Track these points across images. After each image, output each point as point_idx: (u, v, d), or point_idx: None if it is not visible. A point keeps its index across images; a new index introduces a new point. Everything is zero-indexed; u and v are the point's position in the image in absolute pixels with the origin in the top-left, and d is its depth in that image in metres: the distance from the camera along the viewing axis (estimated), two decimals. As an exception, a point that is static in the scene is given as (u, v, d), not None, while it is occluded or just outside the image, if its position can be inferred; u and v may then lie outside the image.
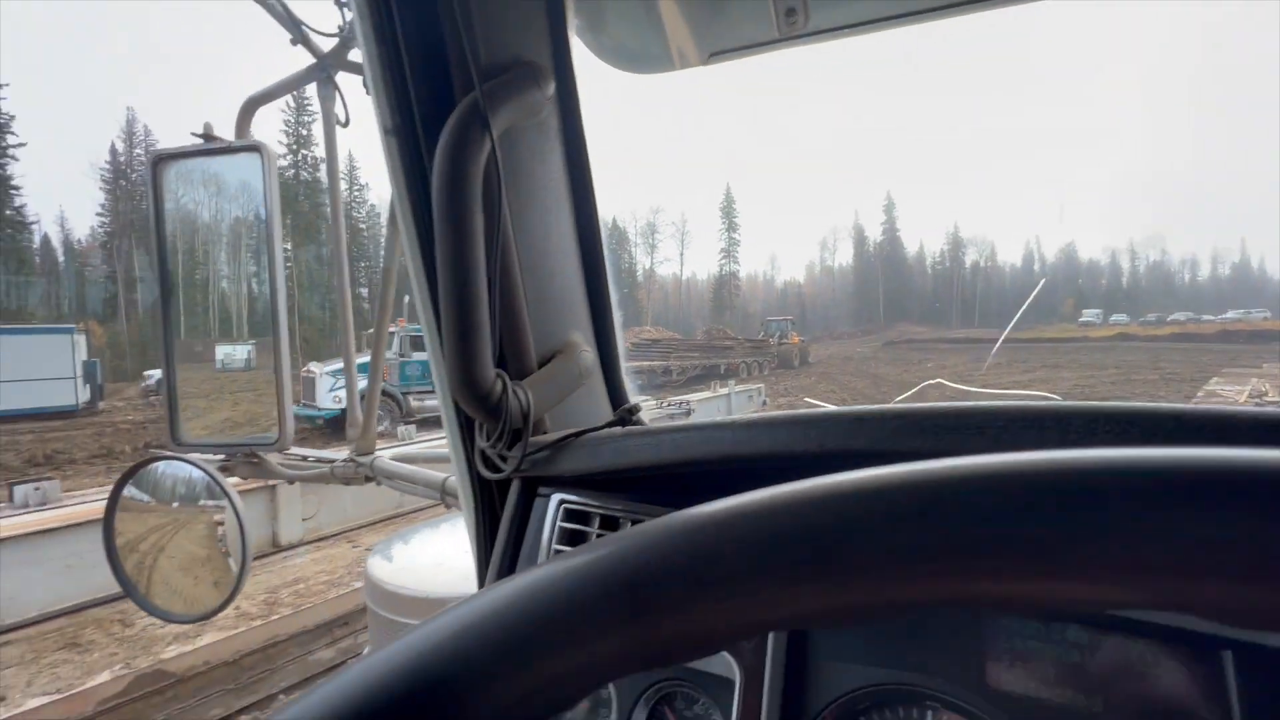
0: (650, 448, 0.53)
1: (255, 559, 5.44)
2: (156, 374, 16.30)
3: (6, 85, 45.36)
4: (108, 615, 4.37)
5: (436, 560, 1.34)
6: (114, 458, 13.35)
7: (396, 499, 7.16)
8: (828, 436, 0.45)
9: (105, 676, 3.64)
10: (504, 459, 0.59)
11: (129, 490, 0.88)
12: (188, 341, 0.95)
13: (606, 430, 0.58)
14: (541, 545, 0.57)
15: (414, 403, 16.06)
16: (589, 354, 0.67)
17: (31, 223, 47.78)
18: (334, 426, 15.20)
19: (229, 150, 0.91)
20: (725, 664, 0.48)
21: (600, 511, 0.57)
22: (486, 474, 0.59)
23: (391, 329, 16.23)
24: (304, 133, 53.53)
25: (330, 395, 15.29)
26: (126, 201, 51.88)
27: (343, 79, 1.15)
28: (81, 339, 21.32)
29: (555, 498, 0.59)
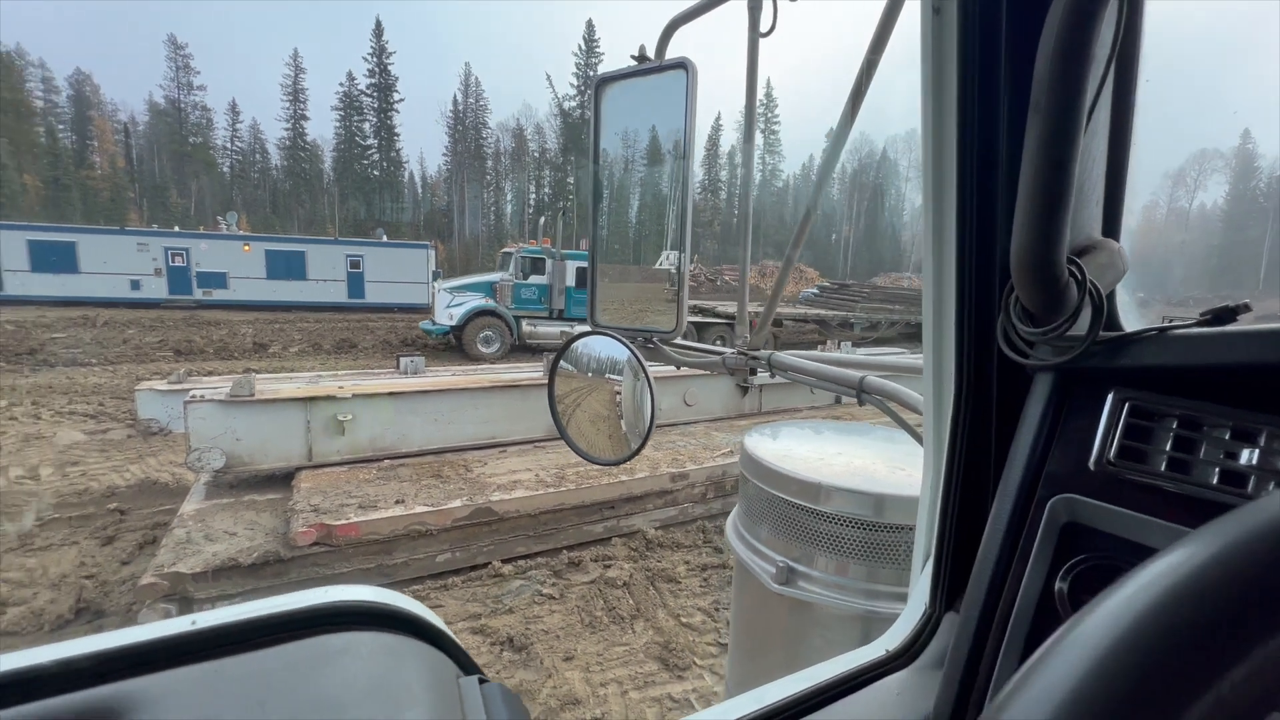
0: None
1: (547, 441, 6.66)
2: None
3: (394, 52, 58.85)
4: (457, 460, 5.87)
5: (816, 452, 1.46)
6: (449, 348, 17.32)
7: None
8: None
9: (457, 503, 4.93)
10: (1031, 345, 0.58)
11: (565, 360, 1.15)
12: (608, 242, 1.16)
13: (1199, 329, 0.53)
14: (1093, 443, 0.56)
15: (526, 327, 15.23)
16: (1125, 259, 0.61)
17: (405, 162, 62.59)
18: (447, 343, 15.31)
19: (659, 69, 1.03)
20: None
21: (1181, 414, 0.53)
22: (1016, 359, 0.59)
23: (508, 249, 16.46)
24: (591, 74, 58.71)
25: (446, 312, 14.82)
26: (462, 143, 64.17)
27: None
28: (431, 253, 27.73)
29: (1115, 395, 0.56)
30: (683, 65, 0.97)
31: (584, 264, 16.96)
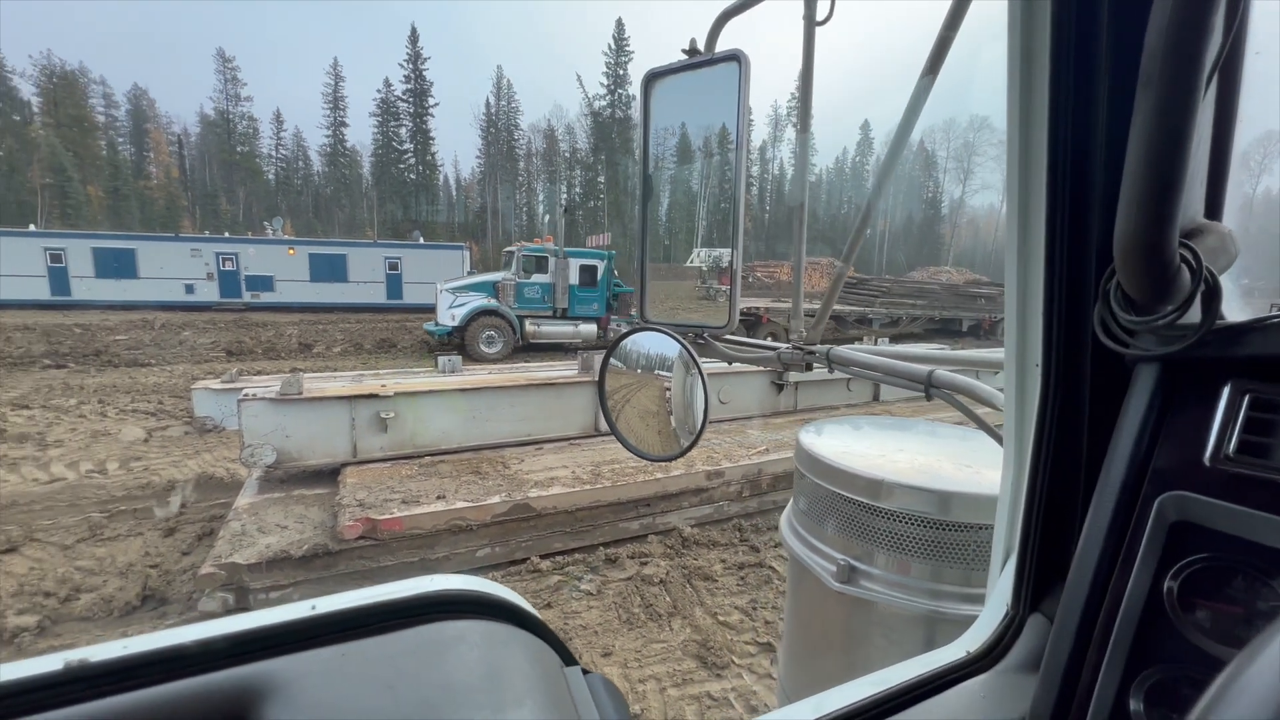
0: None
1: (583, 439, 6.71)
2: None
3: (429, 58, 60.10)
4: (495, 457, 5.97)
5: (876, 449, 1.43)
6: (453, 349, 17.22)
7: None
8: None
9: (496, 499, 5.02)
10: (1133, 334, 0.55)
11: (614, 356, 1.15)
12: (657, 238, 1.16)
13: None
14: (1208, 438, 0.53)
15: (529, 327, 15.05)
16: (1236, 243, 0.58)
17: (440, 165, 63.93)
18: (446, 341, 15.04)
19: (710, 62, 1.02)
20: None
21: None
22: (1115, 349, 0.56)
23: (510, 248, 16.17)
24: (621, 73, 58.87)
25: (448, 312, 14.67)
26: (495, 146, 65.15)
27: None
28: (467, 254, 28.26)
29: (1232, 386, 0.53)
30: (735, 57, 0.96)
31: (586, 261, 16.76)
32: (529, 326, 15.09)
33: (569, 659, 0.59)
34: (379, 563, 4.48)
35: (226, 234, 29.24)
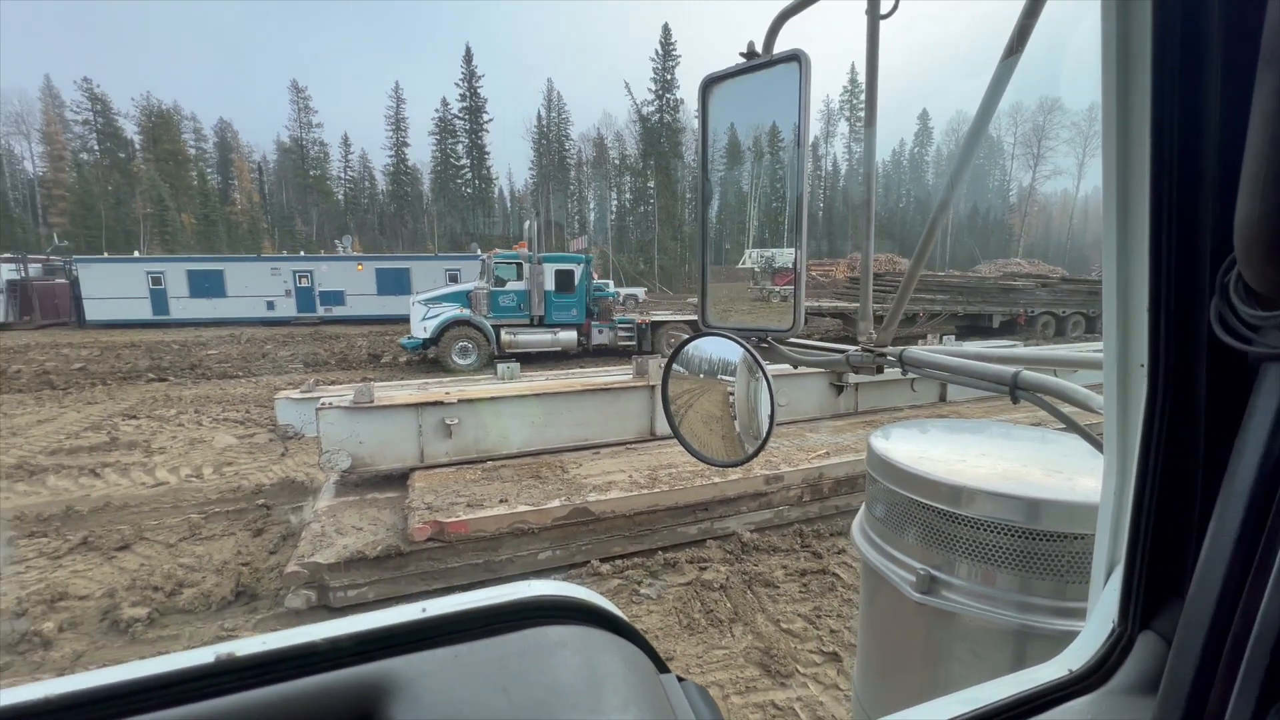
0: None
1: (639, 443, 6.73)
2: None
3: (483, 76, 62.28)
4: (554, 461, 6.08)
5: (956, 454, 1.38)
6: (428, 362, 16.85)
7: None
8: None
9: (556, 503, 5.11)
10: (1256, 330, 0.51)
11: (676, 362, 1.15)
12: (716, 242, 1.15)
13: None
14: None
15: (506, 336, 14.54)
16: None
17: (494, 179, 66.10)
18: (422, 355, 14.52)
19: (769, 63, 1.01)
20: None
21: None
22: (1238, 346, 0.52)
23: (483, 256, 15.38)
24: (669, 77, 59.08)
25: (420, 324, 14.21)
26: (546, 157, 66.72)
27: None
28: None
29: None
30: (795, 57, 0.95)
31: (562, 266, 16.49)
32: (505, 336, 14.66)
33: (663, 666, 0.59)
34: (446, 564, 4.65)
35: (302, 252, 31.25)
